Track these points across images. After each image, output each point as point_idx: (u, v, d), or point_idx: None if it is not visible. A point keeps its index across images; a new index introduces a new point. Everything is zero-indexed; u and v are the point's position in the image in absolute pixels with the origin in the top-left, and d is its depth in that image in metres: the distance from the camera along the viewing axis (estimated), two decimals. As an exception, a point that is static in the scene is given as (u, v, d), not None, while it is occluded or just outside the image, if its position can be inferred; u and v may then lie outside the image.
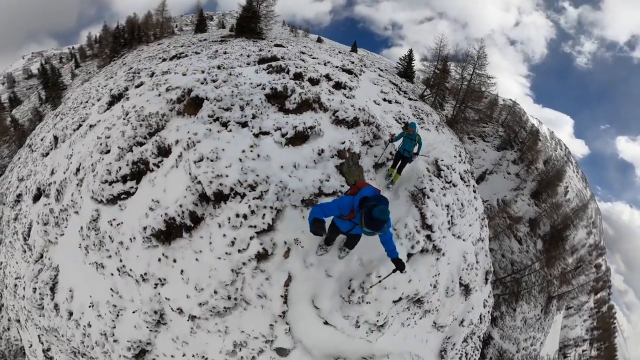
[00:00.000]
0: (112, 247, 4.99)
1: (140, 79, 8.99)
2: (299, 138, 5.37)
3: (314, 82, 7.25)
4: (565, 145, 31.54)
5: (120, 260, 4.86)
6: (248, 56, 8.94)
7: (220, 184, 4.45)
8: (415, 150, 6.08)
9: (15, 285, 8.26)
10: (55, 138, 9.91)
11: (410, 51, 25.35)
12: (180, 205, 4.42)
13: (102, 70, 26.04)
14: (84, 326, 5.25)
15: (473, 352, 8.87)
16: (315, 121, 5.64)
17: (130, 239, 4.81)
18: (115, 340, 4.93)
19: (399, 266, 3.57)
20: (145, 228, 4.54)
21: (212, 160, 4.63)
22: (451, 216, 6.99)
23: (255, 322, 4.41)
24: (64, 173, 7.17)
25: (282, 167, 4.95)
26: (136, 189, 5.22)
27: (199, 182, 4.49)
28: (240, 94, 5.91)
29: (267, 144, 5.21)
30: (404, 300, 5.49)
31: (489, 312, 10.03)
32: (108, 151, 5.84)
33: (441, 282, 6.53)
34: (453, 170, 7.94)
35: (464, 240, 7.79)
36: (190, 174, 4.63)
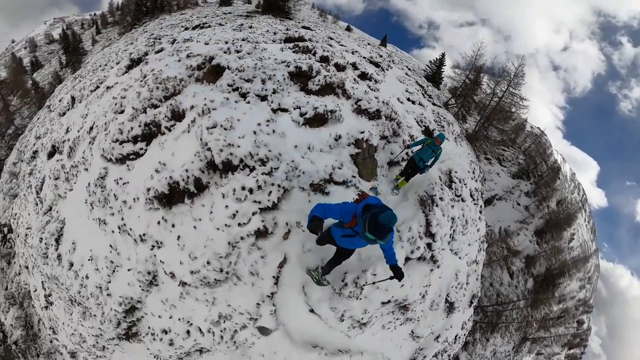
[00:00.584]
0: (115, 205, 5.09)
1: (161, 45, 9.15)
2: (317, 120, 5.32)
3: (339, 67, 7.17)
4: (584, 191, 30.31)
5: (122, 219, 4.96)
6: (274, 33, 8.95)
7: (231, 154, 4.44)
8: (429, 162, 5.89)
9: (26, 235, 8.71)
10: (73, 98, 10.19)
11: (443, 55, 23.94)
12: (187, 170, 4.44)
13: (122, 37, 26.47)
14: (82, 277, 5.47)
15: (440, 369, 8.71)
16: (337, 106, 5.59)
17: (134, 199, 4.88)
18: (109, 294, 5.12)
19: (397, 274, 3.51)
20: (149, 189, 4.59)
21: (225, 129, 4.62)
22: (454, 230, 6.98)
23: (243, 298, 4.44)
24: (78, 131, 7.41)
25: (295, 146, 4.91)
26: (145, 150, 5.28)
27: (209, 149, 4.49)
28: (264, 68, 5.92)
29: (284, 121, 5.19)
30: (392, 304, 5.56)
31: (465, 334, 10.19)
32: (122, 111, 5.94)
33: (430, 294, 6.64)
34: (465, 184, 7.93)
35: (460, 258, 7.84)
36: (201, 139, 4.64)
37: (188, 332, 4.86)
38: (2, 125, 26.34)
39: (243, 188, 4.30)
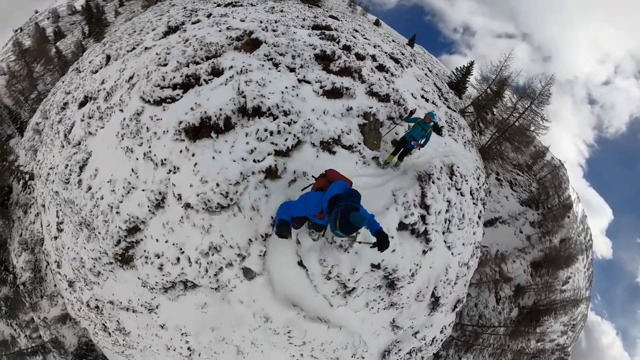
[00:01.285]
0: (145, 136, 5.98)
1: (198, 17, 10.34)
2: (334, 93, 6.36)
3: (359, 57, 8.35)
4: (591, 236, 29.93)
5: (149, 147, 5.80)
6: (303, 19, 10.18)
7: (261, 102, 5.46)
8: (422, 142, 6.19)
9: (48, 174, 9.57)
10: (108, 57, 11.41)
11: (471, 64, 22.88)
12: (220, 109, 5.40)
13: (148, 9, 27.99)
14: (97, 199, 6.15)
15: (410, 369, 8.81)
16: (352, 85, 6.65)
17: (164, 131, 5.78)
18: (117, 212, 5.78)
19: (381, 240, 3.29)
20: (180, 122, 5.51)
21: (259, 85, 5.72)
22: (449, 220, 7.35)
23: (238, 231, 5.05)
24: (115, 81, 8.45)
25: (313, 109, 5.91)
26: (181, 96, 6.29)
27: (244, 97, 5.52)
28: (294, 47, 7.07)
29: (306, 90, 6.28)
30: (381, 272, 5.93)
31: (442, 340, 10.33)
32: (165, 64, 7.04)
33: (418, 279, 6.94)
34: (466, 181, 8.30)
35: (452, 254, 8.15)
36: (238, 88, 5.69)
37: (178, 259, 5.42)
38: (26, 90, 29.00)
39: (265, 130, 5.24)
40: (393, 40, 19.99)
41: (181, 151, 5.42)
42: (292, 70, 6.57)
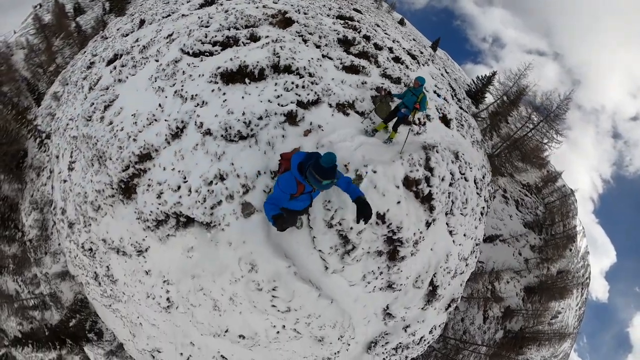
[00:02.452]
0: (180, 78, 7.14)
1: None
2: (352, 69, 7.77)
3: (377, 47, 9.92)
4: (589, 275, 30.78)
5: (182, 86, 6.89)
6: (329, 9, 11.84)
7: (292, 62, 6.83)
8: (416, 110, 6.30)
9: (67, 124, 10.58)
10: (142, 21, 13.01)
11: (494, 74, 22.61)
12: (257, 62, 6.68)
13: None
14: (117, 130, 7.05)
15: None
16: (368, 66, 8.02)
17: (200, 74, 6.95)
18: (134, 140, 6.57)
19: (363, 209, 3.53)
20: (219, 67, 6.73)
21: (291, 51, 7.08)
22: (452, 202, 7.76)
23: (249, 161, 5.74)
24: (152, 38, 9.77)
25: (333, 79, 7.24)
26: (219, 52, 7.61)
27: (278, 56, 6.94)
28: (321, 30, 8.67)
29: (329, 64, 7.71)
30: (384, 229, 6.03)
31: (428, 342, 10.44)
32: (208, 26, 8.53)
33: (419, 260, 7.17)
34: (470, 168, 8.69)
35: (454, 242, 8.39)
36: (274, 50, 7.11)
37: (179, 187, 5.96)
38: (45, 63, 31.50)
39: (292, 82, 6.46)
40: (414, 39, 21.26)
41: (213, 90, 6.53)
42: (318, 47, 8.04)
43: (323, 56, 7.80)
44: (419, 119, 8.18)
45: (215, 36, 7.77)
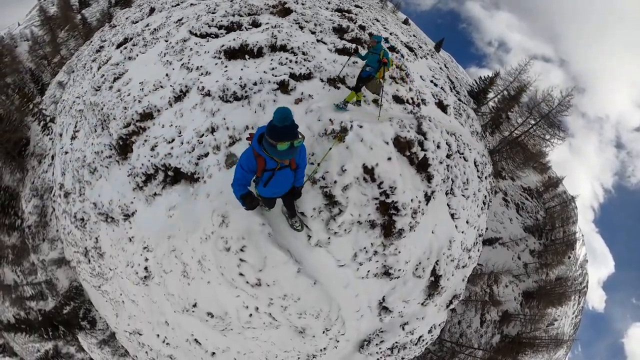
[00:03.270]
0: (187, 53, 8.54)
1: None
2: (344, 52, 9.10)
3: (372, 36, 10.93)
4: (587, 284, 31.57)
5: (189, 60, 8.24)
6: (328, 2, 13.46)
7: (287, 42, 8.23)
8: (381, 64, 6.60)
9: (74, 102, 12.00)
10: (152, 9, 14.50)
11: (497, 74, 23.04)
12: (257, 42, 8.06)
13: None
14: (124, 95, 8.31)
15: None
16: (360, 50, 9.20)
17: (205, 51, 8.35)
18: (139, 102, 7.74)
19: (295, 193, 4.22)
20: (223, 45, 8.12)
21: (288, 35, 8.46)
22: (452, 180, 8.01)
23: (240, 118, 6.66)
24: (162, 23, 11.27)
25: (325, 59, 8.52)
26: (224, 35, 9.00)
27: (275, 37, 8.34)
28: (317, 19, 10.19)
29: (322, 47, 9.09)
30: (375, 189, 5.87)
31: (427, 343, 10.39)
32: (214, 12, 10.11)
33: (419, 241, 7.05)
34: (470, 150, 9.12)
35: (456, 227, 8.42)
36: (272, 34, 8.54)
37: (173, 139, 6.86)
38: (49, 55, 34.11)
39: (287, 58, 7.77)
40: (414, 35, 22.56)
41: (216, 64, 7.89)
42: (313, 33, 9.52)
43: (317, 41, 9.18)
44: (412, 98, 9.05)
45: (221, 21, 9.27)
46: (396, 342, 8.69)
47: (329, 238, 5.92)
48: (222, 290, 6.17)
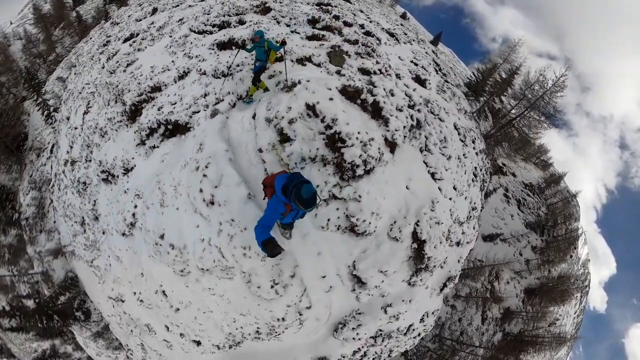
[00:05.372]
0: (188, 45, 13.33)
1: None
2: (314, 38, 13.64)
3: (347, 24, 15.88)
4: (589, 283, 34.37)
5: (190, 51, 12.95)
6: None
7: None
8: (268, 56, 9.30)
9: (83, 88, 17.07)
10: (155, 9, 19.38)
11: (495, 66, 24.56)
12: (242, 36, 12.80)
13: None
14: (137, 75, 12.71)
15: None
16: (330, 36, 13.75)
17: (202, 44, 13.18)
18: (150, 79, 12.05)
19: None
20: (215, 39, 12.87)
21: (266, 29, 13.03)
22: (426, 137, 10.07)
23: (225, 87, 10.54)
24: (166, 22, 16.15)
25: (297, 45, 12.96)
26: (217, 32, 13.68)
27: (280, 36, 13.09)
28: (293, 14, 14.81)
29: (295, 37, 13.75)
30: (319, 124, 7.99)
31: (421, 334, 11.21)
32: (209, 13, 15.02)
33: (387, 193, 8.44)
34: (447, 113, 12.19)
35: (440, 188, 10.03)
36: (253, 30, 13.19)
37: (175, 103, 10.66)
38: (45, 52, 39.92)
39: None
40: (401, 24, 27.43)
41: (211, 53, 12.61)
42: (288, 26, 14.16)
43: (292, 32, 13.72)
44: (379, 70, 12.39)
45: (214, 20, 14.26)
46: (380, 330, 9.44)
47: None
48: (185, 218, 8.45)
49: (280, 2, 16.19)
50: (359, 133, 8.09)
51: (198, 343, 10.40)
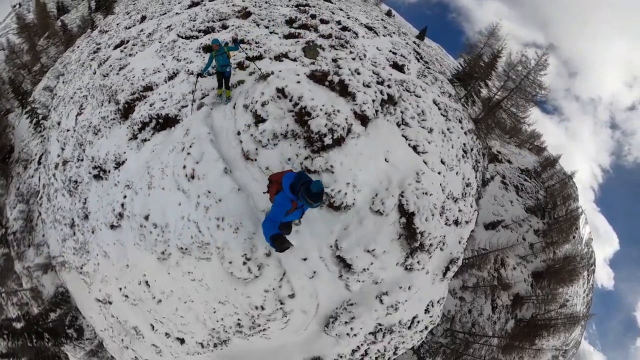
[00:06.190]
0: (177, 49, 16.04)
1: None
2: (291, 37, 16.34)
3: (323, 22, 18.69)
4: (594, 261, 36.40)
5: (178, 54, 15.59)
6: (289, 0, 20.86)
7: (245, 36, 15.73)
8: (232, 63, 10.81)
9: (74, 92, 19.60)
10: (143, 17, 22.21)
11: (481, 55, 25.68)
12: (224, 39, 15.34)
13: None
14: (130, 77, 15.11)
15: None
16: (306, 34, 16.36)
17: (190, 48, 15.89)
18: (143, 79, 14.35)
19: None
20: (201, 43, 15.69)
21: (246, 31, 15.93)
22: (402, 112, 10.98)
23: (209, 84, 12.65)
24: (154, 29, 18.87)
25: (275, 44, 15.65)
26: (203, 36, 16.46)
27: (236, 34, 15.89)
28: (272, 16, 17.96)
29: (274, 37, 16.58)
30: (288, 103, 8.98)
31: (428, 326, 11.17)
32: (195, 20, 17.87)
33: (365, 168, 8.97)
34: (423, 90, 14.32)
35: (425, 161, 10.64)
36: (235, 33, 16.01)
37: (166, 99, 12.74)
38: (29, 62, 42.38)
39: (245, 47, 14.54)
40: (382, 19, 31.20)
41: (197, 56, 15.24)
42: (267, 27, 16.83)
43: (270, 32, 16.41)
44: (352, 58, 15.00)
45: (200, 26, 17.08)
46: (379, 324, 9.36)
47: (257, 149, 9.20)
48: (169, 197, 9.67)
49: (260, 7, 18.98)
50: (323, 105, 9.17)
51: (182, 341, 10.91)
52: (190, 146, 9.78)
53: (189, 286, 9.56)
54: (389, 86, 11.04)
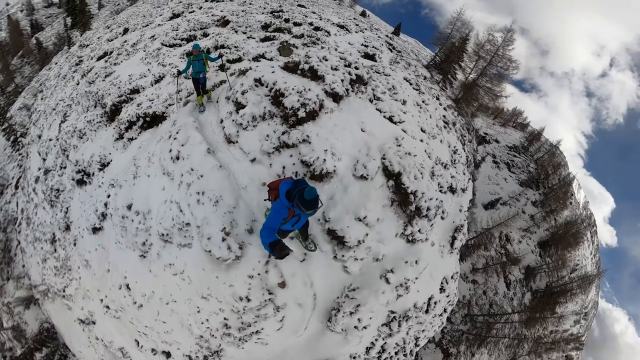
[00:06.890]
0: (161, 57, 18.60)
1: (192, 8, 24.14)
2: (267, 39, 19.37)
3: (297, 24, 21.77)
4: (595, 223, 40.19)
5: (163, 60, 18.12)
6: (264, 8, 24.57)
7: (225, 42, 18.61)
8: (207, 70, 11.97)
9: (57, 104, 21.78)
10: (126, 29, 24.98)
11: (465, 40, 27.91)
12: (206, 45, 18.33)
13: (140, 2, 42.36)
14: (116, 82, 17.14)
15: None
16: (280, 36, 19.14)
17: (174, 55, 18.54)
18: (129, 83, 16.53)
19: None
20: (184, 50, 18.50)
21: (225, 38, 18.85)
22: (372, 89, 12.42)
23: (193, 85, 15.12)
24: (138, 39, 21.64)
25: (252, 47, 18.65)
26: (185, 44, 19.36)
27: (217, 41, 18.75)
28: (248, 23, 21.21)
29: (251, 41, 19.59)
30: (264, 90, 10.53)
31: (446, 308, 11.15)
32: (177, 29, 20.83)
33: (342, 138, 9.94)
34: (393, 70, 15.22)
35: (404, 130, 11.59)
36: (215, 40, 18.91)
37: (153, 99, 14.31)
38: (3, 83, 43.53)
39: (225, 51, 17.36)
40: (354, 18, 35.38)
41: (181, 61, 17.90)
42: (244, 33, 19.69)
43: (248, 37, 19.32)
44: None
45: (182, 35, 19.98)
46: (392, 312, 8.85)
47: (237, 131, 10.22)
48: (154, 183, 10.61)
49: (237, 15, 21.85)
50: (295, 85, 10.55)
51: (168, 355, 10.74)
52: (177, 132, 11.20)
53: (170, 283, 9.50)
54: (356, 67, 12.39)
